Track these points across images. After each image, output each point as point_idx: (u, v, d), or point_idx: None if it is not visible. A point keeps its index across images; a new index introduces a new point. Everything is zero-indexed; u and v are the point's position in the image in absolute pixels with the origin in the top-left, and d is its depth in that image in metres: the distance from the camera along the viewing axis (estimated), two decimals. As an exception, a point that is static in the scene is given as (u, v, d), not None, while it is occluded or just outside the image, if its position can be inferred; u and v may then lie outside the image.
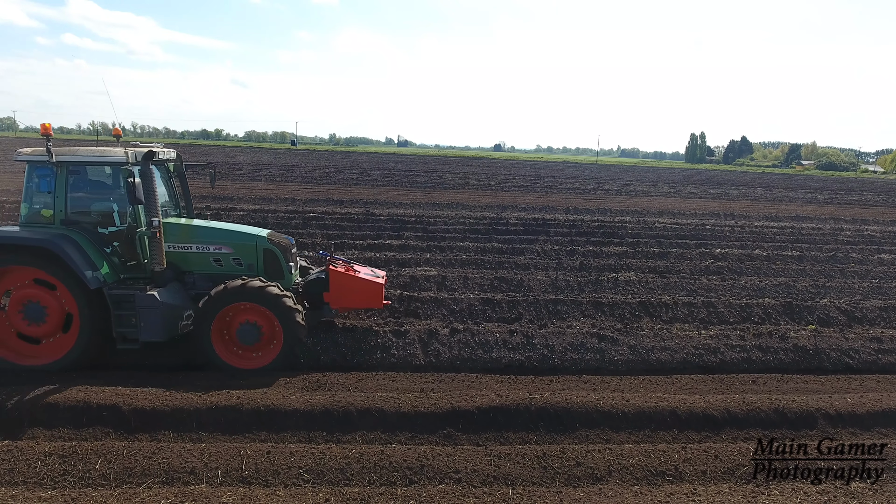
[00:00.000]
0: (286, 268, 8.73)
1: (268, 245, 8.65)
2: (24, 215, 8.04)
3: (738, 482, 5.69)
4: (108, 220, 8.15)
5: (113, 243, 8.08)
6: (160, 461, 5.56)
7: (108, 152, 7.95)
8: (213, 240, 8.57)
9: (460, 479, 5.52)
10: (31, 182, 8.02)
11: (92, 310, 7.67)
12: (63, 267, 7.52)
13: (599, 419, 6.74)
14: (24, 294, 7.72)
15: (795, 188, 51.94)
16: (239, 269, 8.59)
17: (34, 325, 7.75)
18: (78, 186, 8.02)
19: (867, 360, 9.29)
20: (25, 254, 7.59)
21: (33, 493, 5.15)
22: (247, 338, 7.94)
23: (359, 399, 6.86)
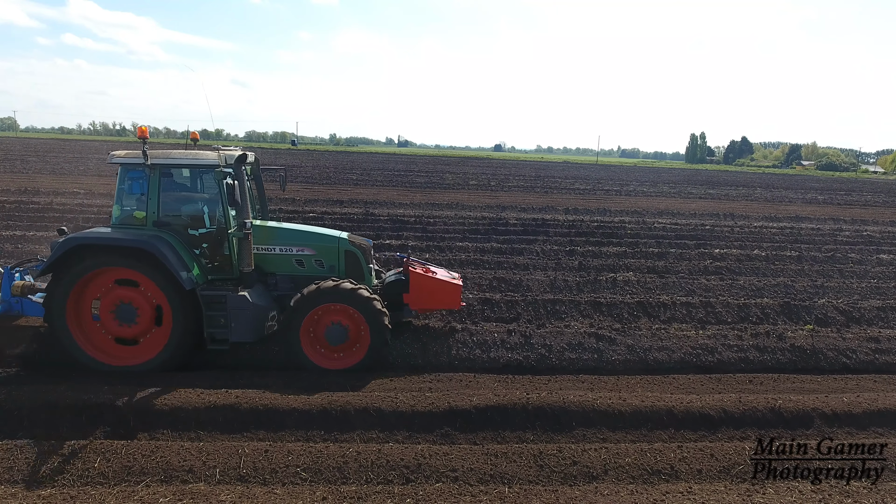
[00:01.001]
0: (366, 269, 8.84)
1: (349, 247, 8.76)
2: (116, 217, 8.11)
3: (734, 481, 5.71)
4: (198, 222, 8.25)
5: (202, 245, 8.17)
6: (159, 459, 5.59)
7: (200, 155, 8.07)
8: (296, 242, 8.66)
9: (457, 477, 5.55)
10: (123, 184, 8.08)
11: (184, 311, 7.72)
12: (158, 268, 7.56)
13: (596, 418, 6.77)
14: (116, 295, 7.77)
15: (795, 188, 51.96)
16: (321, 270, 8.69)
17: (125, 327, 7.79)
18: (169, 189, 8.10)
19: (864, 359, 9.31)
20: (122, 255, 7.63)
21: (32, 491, 5.18)
22: (334, 338, 7.98)
23: (356, 398, 6.89)
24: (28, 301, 8.51)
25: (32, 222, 17.66)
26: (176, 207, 8.21)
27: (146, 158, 7.77)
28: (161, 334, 7.89)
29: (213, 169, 8.03)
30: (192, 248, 8.01)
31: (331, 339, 7.99)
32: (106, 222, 8.31)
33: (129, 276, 7.73)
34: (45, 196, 23.77)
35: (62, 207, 20.60)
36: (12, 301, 8.49)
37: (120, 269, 7.71)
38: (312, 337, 8.04)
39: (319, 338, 8.04)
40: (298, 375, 7.76)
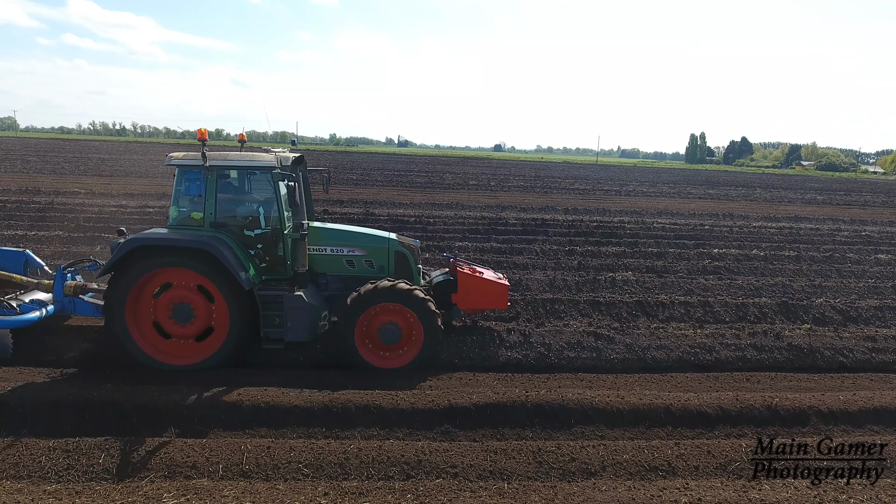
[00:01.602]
0: (415, 270, 8.94)
1: (399, 247, 8.88)
2: (173, 218, 8.21)
3: (731, 477, 5.78)
4: (254, 223, 8.33)
5: (257, 245, 8.25)
6: (162, 456, 5.67)
7: (258, 157, 8.17)
8: (347, 242, 8.78)
9: (457, 473, 5.63)
10: (180, 186, 8.19)
11: (241, 310, 7.82)
12: (216, 268, 7.66)
13: (595, 416, 6.85)
14: (173, 295, 7.84)
15: (795, 189, 52.04)
16: (371, 270, 8.79)
17: (181, 326, 7.89)
18: (226, 190, 8.20)
19: (861, 358, 9.38)
20: (182, 256, 7.72)
21: (38, 486, 5.25)
22: (388, 337, 8.09)
23: (357, 396, 6.96)
24: (80, 301, 8.66)
25: (34, 222, 17.73)
26: (232, 208, 8.35)
27: (205, 160, 7.87)
28: (217, 334, 8.00)
29: (270, 170, 8.11)
30: (248, 249, 8.12)
31: (384, 338, 8.10)
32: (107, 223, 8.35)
33: (188, 276, 7.85)
34: (46, 196, 23.84)
35: (63, 207, 20.66)
36: (65, 301, 8.62)
37: (179, 269, 7.83)
38: (366, 335, 8.14)
39: (372, 336, 8.14)
40: (299, 374, 7.84)
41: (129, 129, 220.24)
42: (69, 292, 8.62)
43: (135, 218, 19.05)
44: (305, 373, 7.92)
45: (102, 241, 14.98)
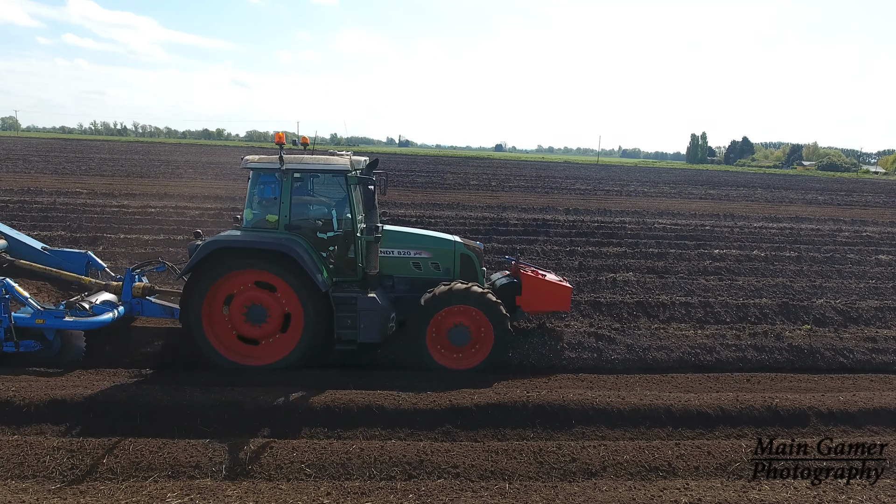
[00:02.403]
0: (480, 272, 9.02)
1: (465, 250, 8.97)
2: (248, 220, 8.30)
3: (730, 477, 5.82)
4: (327, 225, 8.43)
5: (329, 248, 8.34)
6: (166, 456, 5.70)
7: (332, 161, 8.30)
8: (414, 245, 8.89)
9: (458, 473, 5.66)
10: (255, 188, 8.29)
11: (317, 312, 7.89)
12: (292, 270, 7.74)
13: (595, 416, 6.88)
14: (248, 297, 7.95)
15: (796, 189, 52.03)
16: (437, 273, 8.87)
17: (255, 327, 7.98)
18: (300, 193, 8.30)
19: (861, 359, 9.41)
20: (260, 258, 7.81)
21: (42, 486, 5.29)
22: (458, 339, 8.16)
23: (360, 396, 7.00)
24: (147, 302, 8.76)
25: (36, 222, 17.78)
26: (306, 211, 8.46)
27: (282, 164, 7.95)
28: (290, 335, 8.08)
29: (344, 174, 8.19)
30: (320, 251, 8.19)
31: (454, 340, 8.17)
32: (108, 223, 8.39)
33: (263, 277, 7.95)
34: (48, 196, 23.90)
35: (65, 207, 20.73)
36: (133, 302, 8.71)
37: (255, 271, 7.93)
38: (435, 337, 8.21)
39: (442, 339, 8.21)
40: (302, 374, 7.87)
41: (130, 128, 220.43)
42: (137, 294, 8.74)
43: (136, 218, 19.11)
44: (308, 372, 7.96)
45: (105, 241, 15.04)
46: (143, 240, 15.36)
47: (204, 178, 37.31)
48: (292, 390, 7.15)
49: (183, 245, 15.03)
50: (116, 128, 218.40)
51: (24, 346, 7.84)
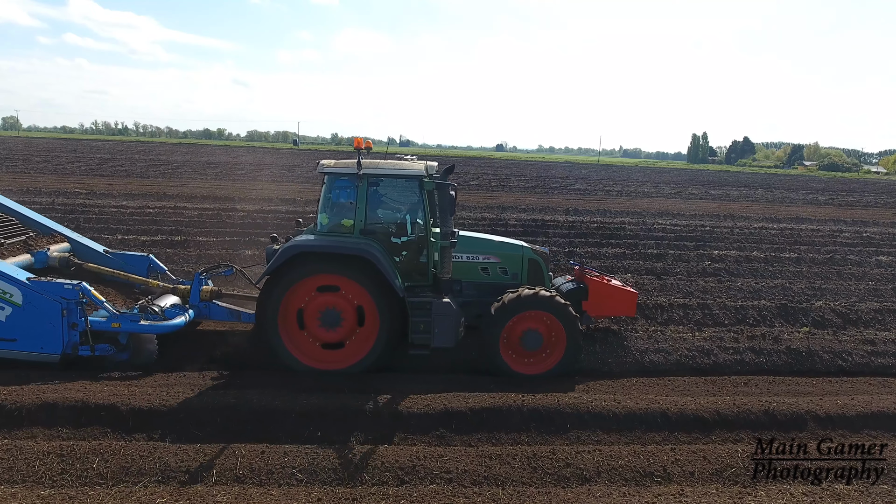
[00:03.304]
0: (547, 277, 9.06)
1: (532, 255, 9.00)
2: (324, 225, 8.31)
3: (726, 483, 5.77)
4: (401, 230, 8.43)
5: (402, 252, 8.35)
6: (156, 460, 5.66)
7: (408, 166, 8.39)
8: (483, 250, 8.96)
9: (451, 479, 5.61)
10: (331, 193, 8.33)
11: (392, 316, 7.90)
12: (369, 275, 7.77)
13: (590, 420, 6.83)
14: (322, 301, 7.99)
15: (797, 189, 51.93)
16: (504, 278, 8.91)
17: (328, 331, 8.03)
18: (375, 198, 8.33)
19: (860, 362, 9.35)
20: (338, 262, 7.85)
21: (32, 491, 5.25)
22: (530, 344, 8.13)
23: (353, 400, 6.95)
24: (215, 305, 8.78)
25: (34, 223, 17.71)
26: (380, 216, 8.49)
27: (360, 168, 7.96)
28: (363, 339, 8.09)
29: (419, 179, 8.23)
30: (393, 256, 8.20)
31: (526, 344, 8.15)
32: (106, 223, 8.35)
33: (338, 282, 7.97)
34: (48, 196, 23.87)
35: (63, 208, 20.69)
36: (201, 306, 8.73)
37: (332, 275, 7.94)
38: (507, 343, 8.20)
39: (513, 343, 8.19)
40: (296, 377, 7.82)
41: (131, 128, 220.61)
42: (205, 297, 8.76)
43: (134, 219, 19.08)
44: (304, 375, 7.92)
45: (103, 241, 14.95)
46: (141, 241, 15.31)
47: (203, 178, 37.31)
48: (286, 393, 7.11)
49: (182, 245, 15.02)
50: (117, 127, 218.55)
51: (99, 350, 7.83)
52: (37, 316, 7.59)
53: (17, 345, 7.67)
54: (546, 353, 8.25)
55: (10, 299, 7.56)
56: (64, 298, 7.60)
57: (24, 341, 7.66)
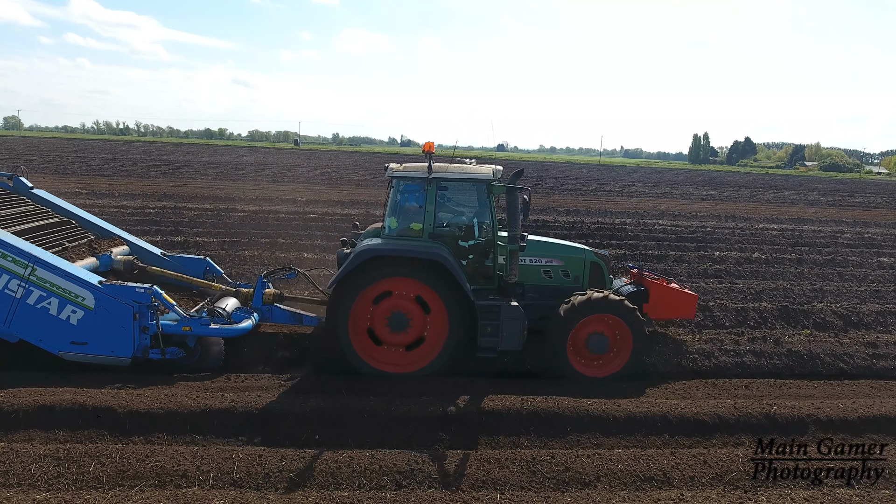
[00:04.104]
0: (608, 280, 9.08)
1: (594, 258, 9.05)
2: (392, 229, 8.35)
3: (726, 488, 5.73)
4: (468, 233, 8.47)
5: (469, 256, 8.38)
6: (153, 464, 5.62)
7: (476, 170, 8.41)
8: (546, 253, 8.98)
9: (449, 483, 5.58)
10: (399, 197, 8.38)
11: (462, 320, 7.91)
12: (440, 278, 7.80)
13: (590, 423, 6.79)
14: (391, 304, 8.03)
15: (798, 189, 51.82)
16: (566, 281, 8.93)
17: (395, 334, 8.06)
18: (443, 202, 8.39)
19: (861, 364, 9.30)
20: (411, 266, 7.85)
21: (27, 494, 5.21)
22: (596, 347, 8.20)
23: (352, 402, 6.91)
24: (277, 308, 8.80)
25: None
26: (448, 219, 8.58)
27: (430, 172, 7.98)
28: (431, 343, 8.11)
29: (488, 183, 8.25)
30: (460, 259, 8.22)
31: (592, 347, 8.20)
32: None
33: (410, 285, 7.98)
34: (48, 196, 23.81)
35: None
36: (263, 309, 8.74)
37: (402, 279, 7.96)
38: (572, 345, 8.23)
39: (579, 346, 8.24)
40: (295, 379, 7.79)
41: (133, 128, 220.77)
42: (268, 300, 8.78)
43: (134, 219, 19.05)
44: (302, 377, 7.88)
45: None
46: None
47: (204, 178, 37.30)
48: (284, 395, 7.08)
49: (179, 247, 14.98)
50: (119, 127, 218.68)
51: (169, 354, 7.84)
52: (108, 319, 7.62)
53: (88, 348, 7.68)
54: (611, 356, 8.31)
55: (82, 302, 7.58)
56: (136, 302, 7.62)
57: (95, 344, 7.67)
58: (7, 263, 7.47)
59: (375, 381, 7.79)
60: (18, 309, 7.53)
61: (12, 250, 7.51)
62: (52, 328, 7.60)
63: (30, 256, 7.53)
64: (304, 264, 11.97)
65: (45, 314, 7.55)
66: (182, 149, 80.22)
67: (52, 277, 7.54)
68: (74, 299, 7.56)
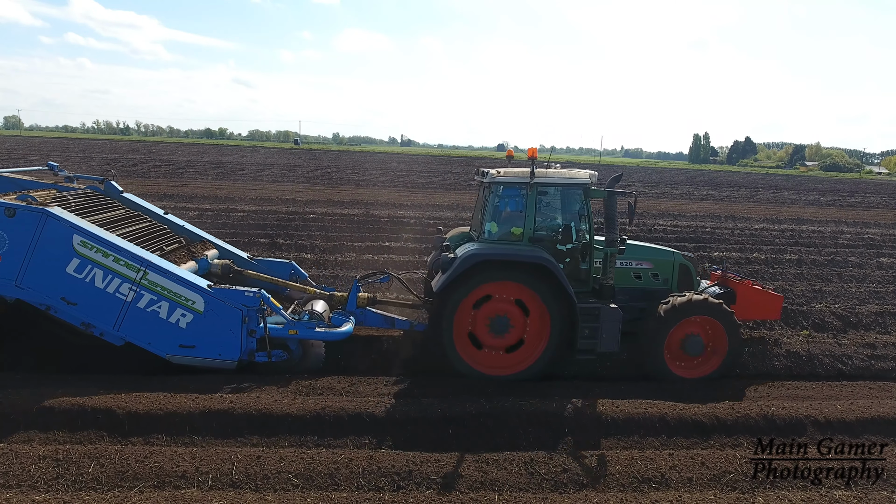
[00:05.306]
0: (696, 282, 9.18)
1: (683, 261, 9.15)
2: (493, 233, 8.46)
3: (724, 489, 5.74)
4: (566, 237, 8.54)
5: (566, 259, 8.48)
6: (152, 465, 5.63)
7: (575, 174, 8.55)
8: (636, 256, 9.07)
9: (447, 484, 5.59)
10: (499, 201, 8.55)
11: (563, 323, 7.97)
12: (544, 282, 7.87)
13: (588, 425, 6.80)
14: (493, 308, 8.10)
15: (798, 189, 51.83)
16: (655, 283, 9.04)
17: (496, 337, 8.14)
18: (542, 206, 8.57)
19: (860, 366, 9.31)
20: (515, 270, 7.93)
21: (27, 495, 5.22)
22: (692, 349, 8.32)
23: (351, 404, 6.92)
24: (370, 312, 8.88)
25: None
26: (546, 224, 8.71)
27: (533, 178, 8.13)
28: (531, 346, 8.19)
29: (585, 187, 8.40)
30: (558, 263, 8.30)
31: (686, 349, 8.32)
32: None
33: (512, 289, 8.06)
34: (48, 196, 23.83)
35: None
36: (357, 312, 8.80)
37: (505, 282, 8.03)
38: (668, 346, 8.33)
39: (673, 347, 8.35)
40: (294, 380, 7.80)
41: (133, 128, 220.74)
42: (362, 304, 8.87)
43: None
44: (301, 378, 7.89)
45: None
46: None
47: (205, 178, 37.31)
48: (283, 396, 7.09)
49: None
50: (119, 127, 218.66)
51: (275, 356, 7.91)
52: (217, 323, 7.68)
53: (196, 351, 7.74)
54: (704, 358, 8.40)
55: (192, 306, 7.64)
56: (245, 305, 7.70)
57: (203, 348, 7.73)
58: (120, 267, 7.52)
59: (373, 383, 7.81)
60: (129, 312, 7.58)
61: (125, 254, 7.56)
62: (162, 331, 7.65)
63: (142, 261, 7.60)
64: (304, 265, 11.97)
65: (155, 317, 7.61)
66: (182, 148, 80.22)
67: (163, 281, 7.59)
68: (184, 303, 7.62)
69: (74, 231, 7.46)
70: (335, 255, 14.82)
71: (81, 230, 7.50)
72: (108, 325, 7.62)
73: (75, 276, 7.48)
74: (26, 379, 7.52)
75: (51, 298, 7.53)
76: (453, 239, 9.24)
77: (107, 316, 7.59)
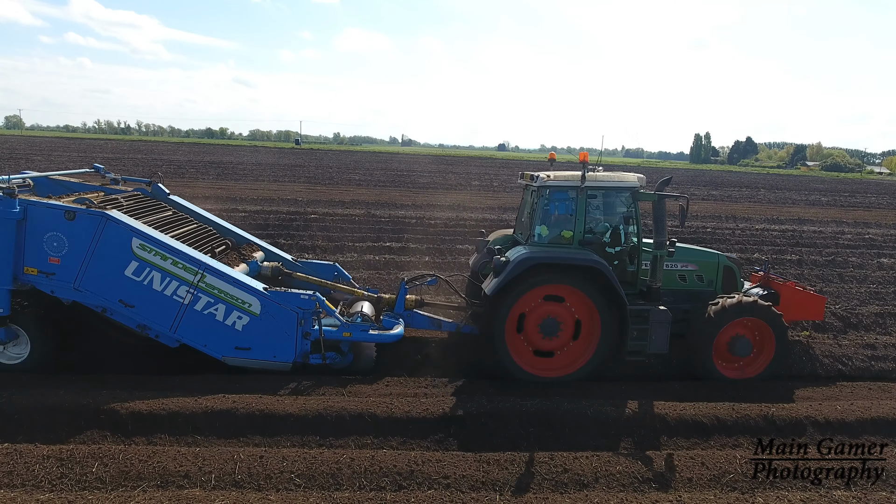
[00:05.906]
0: (740, 284, 9.25)
1: (727, 263, 9.23)
2: (542, 237, 8.57)
3: (724, 489, 5.76)
4: (615, 240, 8.64)
5: (614, 262, 8.60)
6: (155, 465, 5.66)
7: (624, 178, 8.69)
8: (681, 258, 9.13)
9: (449, 484, 5.62)
10: (549, 205, 8.60)
11: (613, 325, 8.08)
12: (596, 285, 7.99)
13: (589, 425, 6.83)
14: (543, 310, 8.21)
15: (799, 189, 51.77)
16: (700, 285, 9.12)
17: (546, 339, 8.26)
18: (591, 209, 8.65)
19: (860, 366, 9.33)
20: (568, 273, 8.04)
21: (31, 495, 5.25)
22: (739, 350, 8.46)
23: (352, 404, 6.95)
24: (417, 314, 8.94)
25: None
26: (596, 226, 8.77)
27: (583, 181, 8.25)
28: (580, 347, 8.33)
29: (634, 190, 8.52)
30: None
31: (734, 349, 8.44)
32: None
33: (563, 291, 8.18)
34: (50, 196, 23.87)
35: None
36: (405, 314, 8.85)
37: (557, 285, 8.15)
38: (716, 348, 8.43)
39: (720, 348, 8.47)
40: (296, 380, 7.83)
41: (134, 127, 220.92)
42: (410, 306, 8.92)
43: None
44: (303, 378, 7.92)
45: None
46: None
47: (205, 178, 37.34)
48: (285, 397, 7.13)
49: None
50: (120, 126, 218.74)
51: (329, 358, 7.98)
52: (273, 325, 7.72)
53: (251, 353, 7.78)
54: (751, 359, 8.49)
55: (248, 309, 7.68)
56: (300, 308, 7.74)
57: (258, 350, 7.78)
58: (178, 270, 7.56)
59: (373, 383, 7.83)
60: (186, 314, 7.62)
61: (183, 258, 7.60)
62: (218, 333, 7.69)
63: (200, 263, 7.64)
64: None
65: (212, 320, 7.65)
66: (183, 148, 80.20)
67: (220, 284, 7.62)
68: (241, 305, 7.65)
69: (133, 234, 7.48)
70: (337, 256, 14.84)
71: (140, 233, 7.52)
72: (164, 328, 7.66)
73: (133, 278, 7.50)
74: (29, 379, 7.57)
75: (108, 301, 7.56)
76: (497, 241, 9.30)
77: (164, 318, 7.62)
